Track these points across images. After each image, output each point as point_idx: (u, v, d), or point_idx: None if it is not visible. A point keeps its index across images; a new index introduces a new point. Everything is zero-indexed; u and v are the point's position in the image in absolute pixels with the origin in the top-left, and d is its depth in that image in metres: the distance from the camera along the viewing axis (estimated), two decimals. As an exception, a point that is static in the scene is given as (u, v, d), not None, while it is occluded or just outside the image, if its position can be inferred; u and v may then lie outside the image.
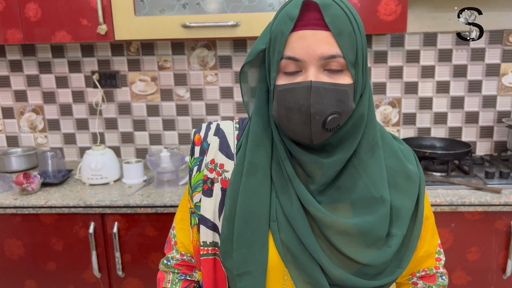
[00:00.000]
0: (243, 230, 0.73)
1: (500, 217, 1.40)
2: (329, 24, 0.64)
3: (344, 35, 0.65)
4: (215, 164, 0.80)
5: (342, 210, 0.72)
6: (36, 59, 1.89)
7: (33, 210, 1.45)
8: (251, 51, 0.73)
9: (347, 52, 0.65)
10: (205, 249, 0.79)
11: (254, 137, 0.75)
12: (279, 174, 0.74)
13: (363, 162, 0.73)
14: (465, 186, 1.45)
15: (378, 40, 1.81)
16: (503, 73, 1.82)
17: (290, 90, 0.66)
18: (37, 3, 1.52)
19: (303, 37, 0.65)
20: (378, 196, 0.72)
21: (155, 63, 1.87)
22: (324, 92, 0.65)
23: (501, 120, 1.86)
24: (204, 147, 0.81)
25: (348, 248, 0.71)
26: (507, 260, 1.42)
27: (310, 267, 0.71)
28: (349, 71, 0.67)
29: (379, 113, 1.88)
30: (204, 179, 0.80)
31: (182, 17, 1.50)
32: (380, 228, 0.72)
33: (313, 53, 0.64)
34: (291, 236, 0.72)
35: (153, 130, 1.94)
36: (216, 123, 0.84)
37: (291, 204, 0.72)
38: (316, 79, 0.65)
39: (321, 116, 0.66)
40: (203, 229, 0.79)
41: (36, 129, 1.97)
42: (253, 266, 0.73)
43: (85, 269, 1.51)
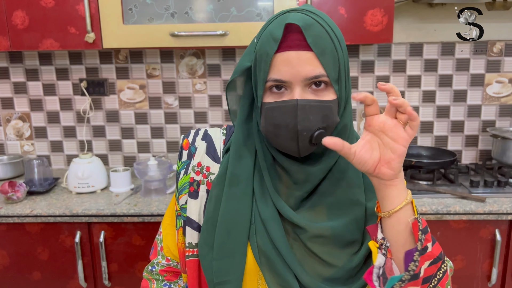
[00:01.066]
0: (225, 240, 0.75)
1: (485, 226, 1.42)
2: (311, 45, 0.66)
3: (327, 54, 0.67)
4: (202, 166, 0.83)
5: (318, 215, 0.75)
6: (24, 67, 1.88)
7: (18, 219, 1.43)
8: (237, 67, 0.75)
9: (330, 70, 0.68)
10: (191, 250, 0.81)
11: (236, 148, 0.77)
12: (260, 183, 0.77)
13: (342, 168, 0.76)
14: (450, 195, 1.47)
15: (365, 50, 1.83)
16: (487, 83, 1.85)
17: (278, 108, 0.69)
18: (25, 10, 1.52)
19: (287, 59, 0.67)
20: (355, 200, 0.75)
21: (144, 71, 1.87)
22: (310, 109, 0.68)
23: (485, 129, 1.88)
24: (191, 151, 0.84)
25: (322, 251, 0.73)
26: (492, 268, 1.44)
27: (283, 270, 0.73)
28: (333, 87, 0.69)
29: (367, 122, 1.89)
30: (190, 181, 0.83)
31: (170, 26, 1.50)
32: (354, 231, 0.74)
33: (298, 74, 0.67)
34: (266, 240, 0.75)
35: (141, 138, 1.93)
36: (204, 129, 0.87)
37: (267, 209, 0.75)
38: (301, 97, 0.68)
39: (308, 132, 0.68)
40: (189, 230, 0.81)
41: (22, 136, 1.95)
42: (233, 275, 0.75)
43: (71, 279, 1.50)
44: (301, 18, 0.68)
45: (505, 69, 1.83)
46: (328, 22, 0.70)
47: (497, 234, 1.41)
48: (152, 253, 0.91)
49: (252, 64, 0.73)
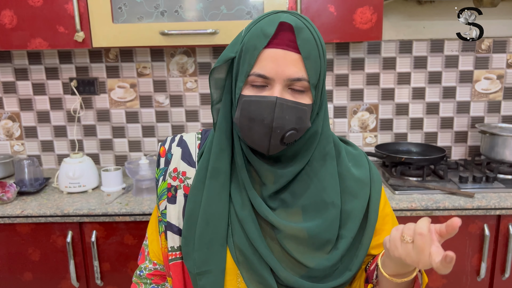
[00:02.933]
0: (204, 230, 0.77)
1: (474, 221, 1.44)
2: (300, 47, 0.68)
3: (311, 59, 0.70)
4: (178, 172, 0.85)
5: (294, 215, 0.77)
6: (13, 66, 1.86)
7: (9, 220, 1.42)
8: (221, 57, 0.76)
9: (312, 76, 0.70)
10: (173, 253, 0.84)
11: (218, 142, 0.78)
12: (236, 180, 0.79)
13: (315, 170, 0.78)
14: (440, 191, 1.49)
15: (355, 47, 1.84)
16: (476, 79, 1.87)
17: (256, 102, 0.70)
18: (13, 10, 1.50)
19: (274, 56, 0.69)
20: (329, 201, 0.77)
21: (134, 70, 1.86)
22: (287, 109, 0.70)
23: (474, 125, 1.91)
24: (168, 158, 0.86)
25: (297, 251, 0.75)
26: (480, 262, 1.46)
27: (260, 268, 0.76)
28: (311, 92, 0.72)
29: (357, 119, 1.91)
30: (168, 187, 0.85)
31: (160, 24, 1.50)
32: (329, 231, 0.76)
33: (282, 73, 0.69)
34: (243, 239, 0.77)
35: (132, 137, 1.93)
36: (180, 135, 0.89)
37: (243, 209, 0.77)
38: (281, 96, 0.69)
39: (281, 130, 0.70)
40: (170, 234, 0.84)
41: (12, 136, 1.94)
42: (213, 265, 0.77)
43: (63, 279, 1.49)
44: (294, 20, 0.70)
45: (493, 66, 1.85)
46: (316, 30, 0.73)
47: (486, 229, 1.43)
48: (140, 258, 0.93)
49: (236, 55, 0.73)
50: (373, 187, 0.82)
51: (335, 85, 1.88)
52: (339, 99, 1.89)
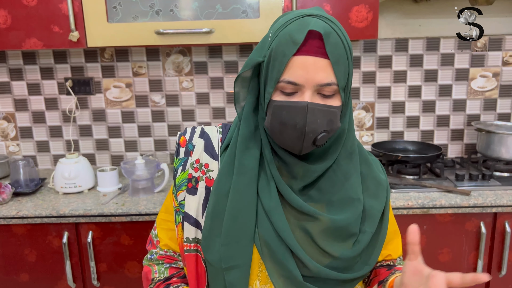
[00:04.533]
0: (232, 226, 0.77)
1: (470, 219, 1.44)
2: (329, 53, 0.69)
3: (340, 64, 0.70)
4: (200, 163, 0.84)
5: (321, 209, 0.79)
6: (7, 66, 1.85)
7: (4, 221, 1.42)
8: (248, 61, 0.76)
9: (341, 79, 0.71)
10: (188, 245, 0.84)
11: (242, 140, 0.79)
12: (264, 175, 0.80)
13: (342, 168, 0.80)
14: (436, 189, 1.49)
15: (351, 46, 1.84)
16: (472, 77, 1.87)
17: (287, 108, 0.72)
18: (7, 9, 1.49)
19: (304, 64, 0.69)
20: (356, 197, 0.79)
21: (130, 70, 1.86)
22: (318, 113, 0.71)
23: (470, 123, 1.91)
24: (189, 148, 0.86)
25: (322, 240, 0.77)
26: (477, 260, 1.46)
27: (285, 260, 0.76)
28: (340, 94, 0.73)
29: (353, 118, 1.91)
30: (188, 177, 0.84)
31: (155, 23, 1.49)
32: (355, 225, 0.78)
33: (312, 80, 0.70)
34: (269, 230, 0.77)
35: (128, 136, 1.92)
36: (201, 127, 0.89)
37: (271, 200, 0.78)
38: (311, 101, 0.71)
39: (313, 134, 0.72)
40: (186, 225, 0.83)
41: (7, 137, 1.93)
42: (241, 260, 0.78)
43: (59, 280, 1.49)
44: (323, 26, 0.69)
45: (489, 64, 1.86)
46: (343, 32, 0.73)
47: (482, 226, 1.43)
48: (150, 244, 0.94)
49: (264, 60, 0.74)
50: (388, 192, 0.86)
51: (332, 84, 1.87)
52: (336, 98, 1.89)
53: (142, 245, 1.46)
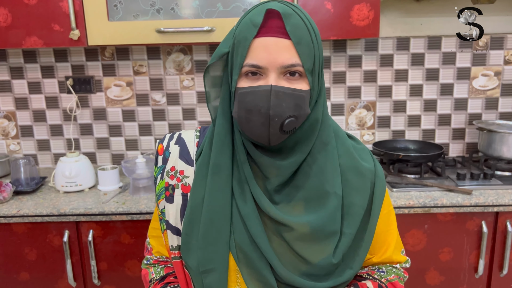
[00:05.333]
0: (209, 228, 0.77)
1: (471, 218, 1.44)
2: (290, 32, 0.68)
3: (303, 44, 0.69)
4: (175, 171, 0.84)
5: (296, 208, 0.77)
6: (8, 64, 1.85)
7: (5, 220, 1.42)
8: (215, 53, 0.76)
9: (306, 61, 0.70)
10: (173, 252, 0.84)
11: (218, 138, 0.78)
12: (238, 174, 0.78)
13: (317, 161, 0.77)
14: (438, 188, 1.49)
15: (352, 44, 1.84)
16: (473, 76, 1.87)
17: (251, 93, 0.70)
18: (7, 8, 1.49)
19: (265, 45, 0.69)
20: (331, 191, 0.76)
21: (131, 68, 1.85)
22: (283, 96, 0.69)
23: (472, 122, 1.90)
24: (166, 156, 0.86)
25: (300, 246, 0.75)
26: (478, 259, 1.46)
27: (260, 266, 0.75)
28: (307, 78, 0.71)
29: (355, 117, 1.90)
30: (166, 186, 0.84)
31: (156, 22, 1.49)
32: (332, 223, 0.75)
33: (275, 61, 0.68)
34: (244, 237, 0.76)
35: (129, 135, 1.92)
36: (178, 133, 0.88)
37: (246, 205, 0.76)
38: (276, 84, 0.69)
39: (279, 118, 0.70)
40: (169, 234, 0.84)
41: (8, 135, 1.92)
42: (217, 263, 0.77)
43: (60, 279, 1.49)
44: (282, 7, 0.70)
45: (491, 63, 1.85)
46: (306, 15, 0.72)
47: (484, 226, 1.42)
48: (146, 251, 0.96)
49: (229, 49, 0.74)
50: (378, 183, 0.81)
51: (333, 83, 1.87)
52: (337, 97, 1.89)
53: (142, 244, 1.45)
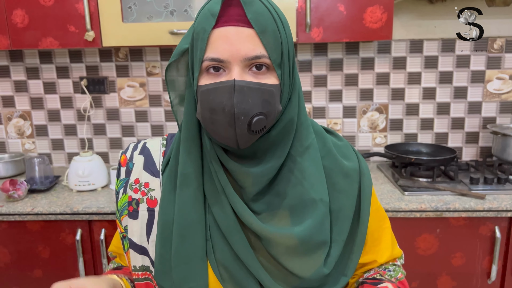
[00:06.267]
0: (180, 245, 0.70)
1: (484, 223, 1.42)
2: (251, 20, 0.61)
3: (268, 33, 0.62)
4: (140, 183, 0.77)
5: (281, 218, 0.70)
6: (24, 65, 1.88)
7: (19, 217, 1.44)
8: (175, 51, 0.69)
9: (272, 52, 0.63)
10: (136, 273, 0.76)
11: (184, 146, 0.71)
12: (211, 185, 0.71)
13: (299, 165, 0.70)
14: (450, 192, 1.47)
15: (365, 47, 1.83)
16: (488, 79, 1.85)
17: (213, 90, 0.62)
18: (24, 9, 1.52)
19: (225, 36, 0.62)
20: (318, 198, 0.70)
21: (144, 69, 1.87)
22: (249, 91, 0.62)
23: (486, 126, 1.88)
24: (129, 168, 0.78)
25: (288, 260, 0.68)
26: (491, 265, 1.44)
27: (248, 284, 0.69)
28: (275, 71, 0.64)
29: (367, 119, 1.90)
30: (129, 200, 0.77)
31: (170, 23, 1.50)
32: (321, 232, 0.69)
33: (237, 53, 0.61)
34: (227, 254, 0.70)
35: (141, 135, 1.94)
36: (143, 142, 0.81)
37: (226, 218, 0.69)
38: (240, 78, 0.62)
39: (246, 116, 0.62)
40: (132, 253, 0.76)
41: (23, 135, 1.96)
42: (194, 282, 0.70)
43: (72, 276, 1.50)
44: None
45: (506, 66, 1.83)
46: (271, 3, 0.65)
47: (497, 231, 1.41)
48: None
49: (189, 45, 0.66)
50: (363, 181, 0.75)
51: (345, 85, 1.87)
52: (349, 99, 1.88)
53: (153, 244, 1.47)
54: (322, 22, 1.51)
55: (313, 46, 1.82)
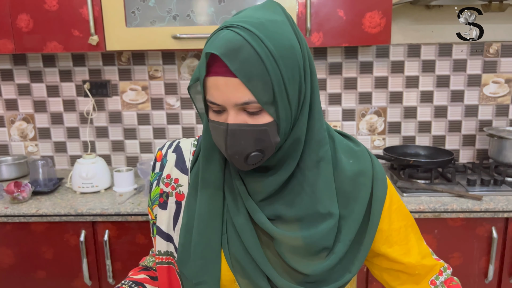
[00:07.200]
0: (198, 242, 0.78)
1: (481, 224, 1.45)
2: (236, 72, 0.63)
3: (254, 80, 0.64)
4: (171, 178, 0.85)
5: (290, 225, 0.75)
6: (27, 68, 1.91)
7: (24, 219, 1.46)
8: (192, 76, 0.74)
9: (260, 96, 0.65)
10: (160, 257, 0.85)
11: (204, 153, 0.78)
12: (230, 188, 0.78)
13: (308, 179, 0.75)
14: (448, 194, 1.50)
15: (364, 51, 1.86)
16: (484, 83, 1.88)
17: (213, 128, 0.70)
18: (29, 14, 1.54)
19: (216, 84, 0.66)
20: (325, 212, 0.74)
21: (146, 73, 1.90)
22: (241, 133, 0.67)
23: (482, 129, 1.92)
24: (163, 163, 0.87)
25: (293, 260, 0.75)
26: (488, 265, 1.47)
27: (256, 277, 0.76)
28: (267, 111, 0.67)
29: (365, 122, 1.93)
30: (160, 192, 0.85)
31: (172, 28, 1.53)
32: (326, 240, 0.74)
33: (228, 100, 0.66)
34: (239, 248, 0.77)
35: (143, 138, 1.96)
36: (177, 141, 0.89)
37: (240, 218, 0.76)
38: (235, 121, 0.67)
39: (240, 156, 0.69)
40: (158, 239, 0.85)
41: (26, 137, 1.98)
42: (208, 276, 0.78)
43: (76, 277, 1.52)
44: (225, 43, 0.63)
45: (502, 70, 1.86)
46: (263, 38, 0.64)
47: (494, 231, 1.44)
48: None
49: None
50: (376, 186, 0.78)
51: (344, 88, 1.90)
52: (348, 102, 1.91)
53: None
54: (322, 27, 1.54)
55: (313, 50, 1.86)
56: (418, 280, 0.84)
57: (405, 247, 0.83)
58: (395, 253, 0.82)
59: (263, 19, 0.67)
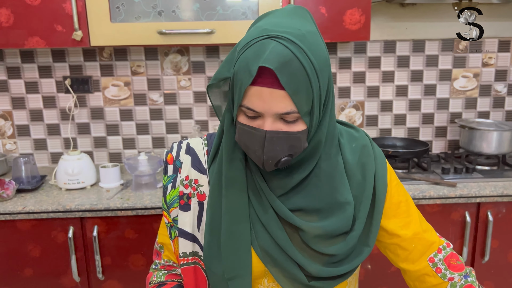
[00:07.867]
0: (228, 239, 0.81)
1: (456, 209, 1.54)
2: (285, 85, 0.66)
3: (300, 93, 0.67)
4: (190, 180, 0.87)
5: (310, 216, 0.80)
6: (5, 64, 1.86)
7: (10, 217, 1.44)
8: (216, 74, 0.76)
9: (302, 107, 0.69)
10: (185, 259, 0.87)
11: (227, 151, 0.80)
12: (251, 185, 0.82)
13: (324, 172, 0.80)
14: (425, 182, 1.59)
15: (343, 47, 1.93)
16: (454, 77, 1.99)
17: (248, 133, 0.72)
18: (10, 8, 1.51)
19: (260, 94, 0.68)
20: (343, 200, 0.80)
21: (128, 68, 1.89)
22: (277, 140, 0.71)
23: (453, 120, 2.03)
24: (177, 165, 0.88)
25: (315, 244, 0.80)
26: (462, 247, 1.57)
27: (287, 265, 0.80)
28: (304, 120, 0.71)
29: (344, 116, 2.00)
30: (180, 195, 0.86)
31: (157, 24, 1.54)
32: (346, 226, 0.80)
33: (269, 109, 0.69)
34: (268, 241, 0.81)
35: (126, 134, 1.96)
36: (186, 142, 0.90)
37: (266, 213, 0.80)
38: (271, 128, 0.70)
39: (273, 160, 0.73)
40: (182, 241, 0.86)
41: (4, 135, 1.93)
42: (242, 270, 0.81)
43: (64, 274, 1.52)
44: (277, 57, 0.65)
45: (470, 65, 1.98)
46: (306, 53, 0.67)
47: (467, 216, 1.54)
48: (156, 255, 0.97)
49: (231, 76, 0.73)
50: (378, 163, 0.84)
51: (324, 83, 1.96)
52: (327, 97, 1.97)
53: (146, 239, 1.50)
54: (305, 23, 1.58)
55: (294, 46, 1.90)
56: (416, 258, 0.87)
57: (405, 220, 0.86)
58: (391, 225, 0.86)
59: (303, 31, 0.70)
